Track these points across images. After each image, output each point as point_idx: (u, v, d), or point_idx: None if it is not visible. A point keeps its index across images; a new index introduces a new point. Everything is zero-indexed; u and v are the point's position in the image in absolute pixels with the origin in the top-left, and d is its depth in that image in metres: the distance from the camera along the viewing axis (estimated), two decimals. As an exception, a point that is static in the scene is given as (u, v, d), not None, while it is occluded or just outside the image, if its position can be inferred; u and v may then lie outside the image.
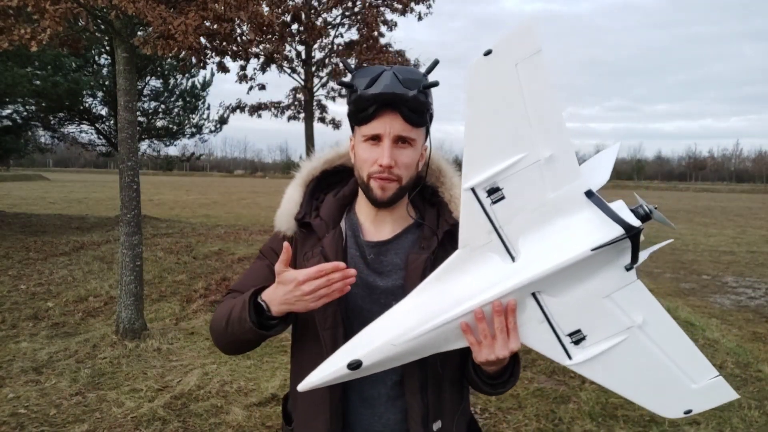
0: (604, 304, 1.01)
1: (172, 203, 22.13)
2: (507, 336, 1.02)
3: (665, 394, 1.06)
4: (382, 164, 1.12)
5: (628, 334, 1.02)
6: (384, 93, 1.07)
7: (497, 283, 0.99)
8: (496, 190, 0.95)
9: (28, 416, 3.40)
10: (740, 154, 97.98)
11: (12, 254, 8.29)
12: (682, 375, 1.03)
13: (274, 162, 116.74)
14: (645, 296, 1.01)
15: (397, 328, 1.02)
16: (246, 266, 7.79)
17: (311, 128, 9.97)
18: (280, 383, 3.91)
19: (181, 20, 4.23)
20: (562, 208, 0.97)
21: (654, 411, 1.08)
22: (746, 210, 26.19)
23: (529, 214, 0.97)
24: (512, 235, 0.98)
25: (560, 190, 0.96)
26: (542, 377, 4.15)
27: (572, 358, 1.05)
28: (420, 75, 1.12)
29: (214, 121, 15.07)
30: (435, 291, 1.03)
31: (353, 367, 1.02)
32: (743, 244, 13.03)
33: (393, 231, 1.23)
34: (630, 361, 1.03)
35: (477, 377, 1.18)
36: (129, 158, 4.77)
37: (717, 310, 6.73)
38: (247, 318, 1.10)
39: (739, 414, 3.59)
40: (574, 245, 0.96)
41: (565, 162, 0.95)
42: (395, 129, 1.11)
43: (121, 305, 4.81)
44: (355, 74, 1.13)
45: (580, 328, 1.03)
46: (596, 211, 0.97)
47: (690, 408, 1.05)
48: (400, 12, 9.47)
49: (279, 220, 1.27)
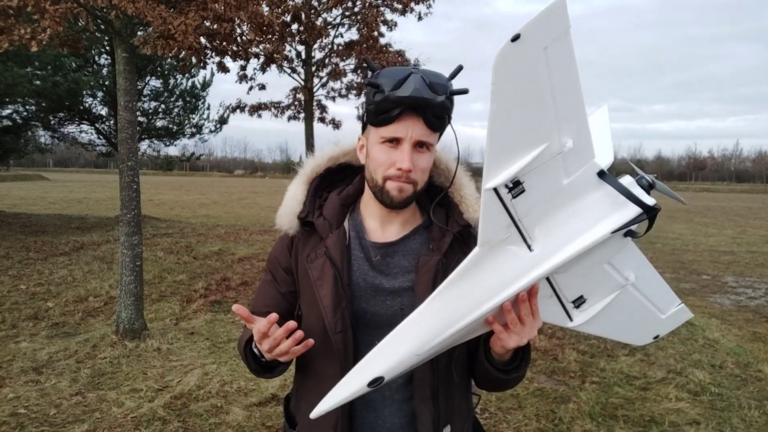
0: (604, 269, 1.04)
1: (172, 203, 22.12)
2: (533, 318, 1.02)
3: (639, 328, 1.16)
4: (402, 168, 1.09)
5: (621, 290, 1.07)
6: (413, 97, 1.04)
7: (520, 275, 0.98)
8: (518, 184, 0.92)
9: (28, 416, 3.40)
10: (740, 154, 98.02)
11: (12, 254, 8.29)
12: (656, 310, 1.13)
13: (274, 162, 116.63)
14: (635, 254, 1.05)
15: (419, 337, 1.00)
16: (246, 266, 7.79)
17: (311, 128, 9.96)
18: (280, 383, 3.91)
19: (181, 20, 4.23)
20: (577, 191, 0.96)
21: (627, 342, 1.19)
22: (746, 210, 26.19)
23: (545, 202, 0.96)
24: (529, 226, 0.96)
25: (575, 174, 0.94)
26: (542, 377, 4.15)
27: (573, 321, 1.09)
28: (446, 80, 1.09)
29: (214, 121, 15.07)
30: (455, 293, 1.00)
31: (375, 384, 1.00)
32: (743, 244, 13.03)
33: (400, 232, 1.21)
34: (617, 311, 1.09)
35: (490, 365, 1.15)
36: (129, 158, 4.77)
37: (717, 310, 6.73)
38: (250, 367, 1.21)
39: (739, 414, 3.59)
40: (593, 227, 0.96)
41: (583, 146, 0.92)
42: (416, 133, 1.09)
43: (121, 305, 4.81)
44: (380, 74, 1.08)
45: (583, 293, 1.06)
46: (609, 190, 0.96)
47: (658, 333, 1.17)
48: (400, 12, 9.46)
49: (281, 219, 1.25)
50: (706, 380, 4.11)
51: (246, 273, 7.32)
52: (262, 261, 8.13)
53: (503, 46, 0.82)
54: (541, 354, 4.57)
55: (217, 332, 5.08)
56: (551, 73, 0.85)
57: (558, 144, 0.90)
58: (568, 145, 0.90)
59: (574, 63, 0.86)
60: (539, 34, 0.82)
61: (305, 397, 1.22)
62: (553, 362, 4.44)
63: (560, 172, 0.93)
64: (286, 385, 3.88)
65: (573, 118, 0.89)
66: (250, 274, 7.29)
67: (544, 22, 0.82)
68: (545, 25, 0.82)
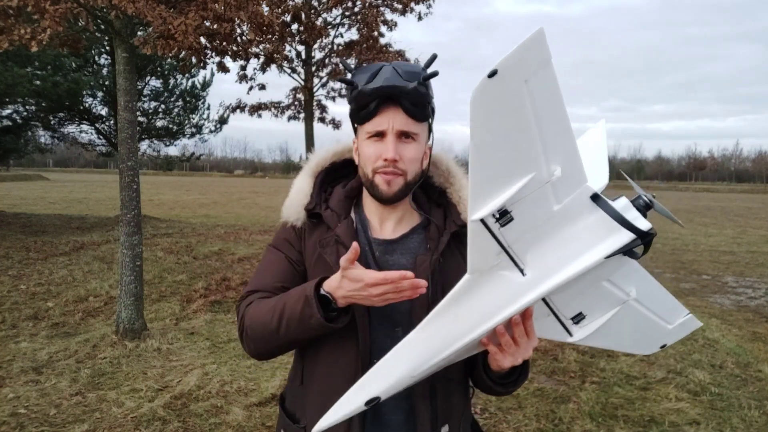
0: (603, 286, 1.03)
1: (172, 203, 22.13)
2: (528, 339, 1.02)
3: (645, 339, 1.15)
4: (387, 158, 1.11)
5: (622, 305, 1.06)
6: (384, 86, 1.07)
7: (513, 300, 0.98)
8: (505, 214, 0.90)
9: (28, 416, 3.40)
10: (740, 154, 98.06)
11: (12, 254, 8.29)
12: (661, 321, 1.12)
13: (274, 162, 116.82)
14: (636, 269, 1.03)
15: (414, 360, 1.02)
16: (246, 266, 7.79)
17: (311, 128, 9.96)
18: (280, 383, 3.90)
19: (181, 20, 4.23)
20: (569, 215, 0.94)
21: (634, 353, 1.18)
22: (746, 210, 26.19)
23: (536, 228, 0.94)
24: (521, 251, 0.95)
25: (567, 199, 0.92)
26: (542, 377, 4.15)
27: (573, 336, 1.08)
28: (419, 68, 1.11)
29: (214, 121, 15.07)
30: (449, 317, 1.00)
31: (372, 403, 1.02)
32: (743, 244, 13.03)
33: (398, 230, 1.22)
34: (620, 324, 1.08)
35: (488, 379, 1.17)
36: (129, 158, 4.77)
37: (717, 310, 6.73)
38: (316, 313, 1.05)
39: (739, 414, 3.59)
40: (586, 253, 0.94)
41: (572, 172, 0.90)
42: (398, 123, 1.11)
43: (121, 305, 4.81)
44: (355, 72, 1.13)
45: (582, 310, 1.05)
46: (603, 214, 0.94)
47: (665, 342, 1.16)
48: (400, 12, 9.46)
49: (287, 210, 1.26)
50: (706, 380, 4.11)
51: (246, 273, 7.32)
52: (262, 261, 8.12)
53: (480, 82, 0.79)
54: (541, 354, 4.57)
55: (217, 332, 5.08)
56: (534, 103, 0.82)
57: (546, 173, 0.88)
58: (556, 173, 0.88)
59: (558, 91, 0.83)
60: (518, 68, 0.79)
61: (313, 388, 1.21)
62: (553, 362, 4.44)
63: (550, 199, 0.91)
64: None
65: (560, 145, 0.87)
66: (250, 274, 7.29)
67: (523, 55, 0.79)
68: (524, 58, 0.79)
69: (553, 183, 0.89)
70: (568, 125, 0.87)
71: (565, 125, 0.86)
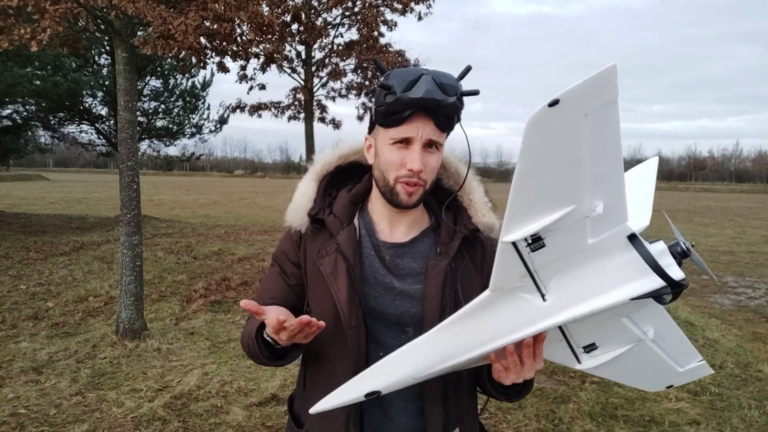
0: (622, 322, 1.01)
1: (172, 203, 22.13)
2: (533, 361, 1.02)
3: (654, 377, 1.15)
4: (413, 169, 1.09)
5: (637, 343, 1.04)
6: (425, 98, 1.04)
7: (530, 323, 0.97)
8: (538, 240, 0.88)
9: (28, 416, 3.40)
10: (740, 154, 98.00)
11: (12, 254, 8.29)
12: (673, 363, 1.11)
13: (274, 162, 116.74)
14: (659, 311, 1.01)
15: (420, 363, 1.02)
16: (246, 266, 7.80)
17: (311, 128, 9.95)
18: (280, 383, 3.91)
19: (181, 20, 4.23)
20: (602, 251, 0.91)
21: (640, 388, 1.19)
22: (746, 210, 26.19)
23: (566, 258, 0.92)
24: (546, 277, 0.94)
25: (603, 235, 0.89)
26: (542, 377, 4.15)
27: (581, 363, 1.07)
28: (455, 80, 1.09)
29: (214, 121, 15.07)
30: (462, 329, 1.00)
31: (371, 396, 1.03)
32: (743, 244, 13.03)
33: (408, 234, 1.21)
34: (631, 360, 1.07)
35: (492, 388, 1.18)
36: (129, 158, 4.77)
37: (717, 310, 6.74)
38: (260, 355, 1.14)
39: (739, 414, 3.59)
40: (613, 290, 0.92)
41: (615, 210, 0.87)
42: (427, 134, 1.09)
43: (121, 305, 4.81)
44: (391, 75, 1.08)
45: (595, 341, 1.04)
46: (636, 255, 0.91)
47: (672, 383, 1.17)
48: (400, 12, 9.46)
49: (291, 216, 1.24)
50: (706, 380, 4.10)
51: (246, 273, 7.32)
52: (262, 261, 8.14)
53: (539, 110, 0.77)
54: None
55: (217, 332, 5.08)
56: (589, 138, 0.79)
57: (588, 207, 0.86)
58: (598, 209, 0.86)
59: (618, 131, 0.80)
60: (581, 102, 0.77)
61: (315, 394, 1.21)
62: (553, 363, 4.43)
63: (586, 232, 0.89)
64: (286, 385, 3.88)
65: (608, 182, 0.84)
66: (250, 274, 7.29)
67: (589, 90, 0.76)
68: (589, 93, 0.76)
69: (592, 218, 0.87)
70: (620, 164, 0.85)
71: (618, 164, 0.84)
